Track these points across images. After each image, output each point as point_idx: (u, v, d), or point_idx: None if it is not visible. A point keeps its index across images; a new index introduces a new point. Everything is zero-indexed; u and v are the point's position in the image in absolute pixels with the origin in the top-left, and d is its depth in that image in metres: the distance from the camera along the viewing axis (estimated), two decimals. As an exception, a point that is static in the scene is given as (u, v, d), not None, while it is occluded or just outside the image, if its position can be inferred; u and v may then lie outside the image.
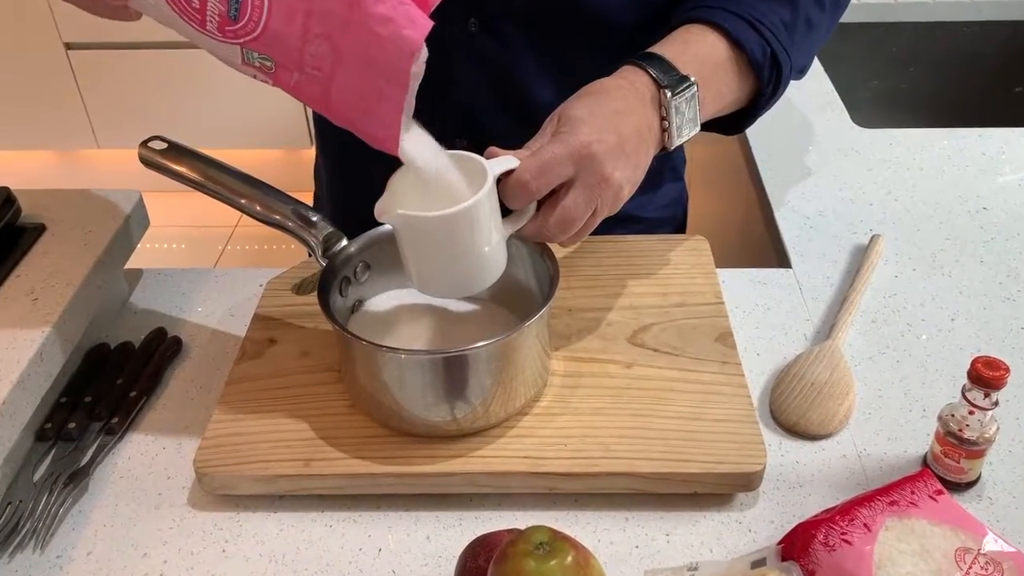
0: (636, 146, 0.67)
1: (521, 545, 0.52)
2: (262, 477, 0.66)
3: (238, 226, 2.69)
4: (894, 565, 0.55)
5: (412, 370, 0.66)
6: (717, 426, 0.68)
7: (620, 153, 0.65)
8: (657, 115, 0.69)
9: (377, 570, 0.63)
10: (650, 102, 0.68)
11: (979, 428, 0.64)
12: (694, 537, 0.64)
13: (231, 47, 0.58)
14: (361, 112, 0.60)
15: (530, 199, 0.65)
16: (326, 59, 0.57)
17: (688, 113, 0.70)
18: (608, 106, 0.66)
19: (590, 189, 0.64)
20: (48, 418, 0.73)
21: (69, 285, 0.75)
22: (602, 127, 0.65)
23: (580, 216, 0.65)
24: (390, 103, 0.58)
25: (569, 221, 0.65)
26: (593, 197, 0.65)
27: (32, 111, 2.56)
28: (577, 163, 0.64)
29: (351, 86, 0.58)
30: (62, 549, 0.65)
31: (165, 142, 0.73)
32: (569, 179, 0.64)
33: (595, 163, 0.64)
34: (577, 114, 0.65)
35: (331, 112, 0.61)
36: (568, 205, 0.64)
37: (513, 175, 0.63)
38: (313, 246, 0.71)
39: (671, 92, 0.68)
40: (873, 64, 1.37)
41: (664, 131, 0.69)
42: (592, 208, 0.65)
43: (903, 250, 0.90)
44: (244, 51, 0.58)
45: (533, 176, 0.63)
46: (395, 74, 0.57)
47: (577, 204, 0.65)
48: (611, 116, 0.66)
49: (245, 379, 0.73)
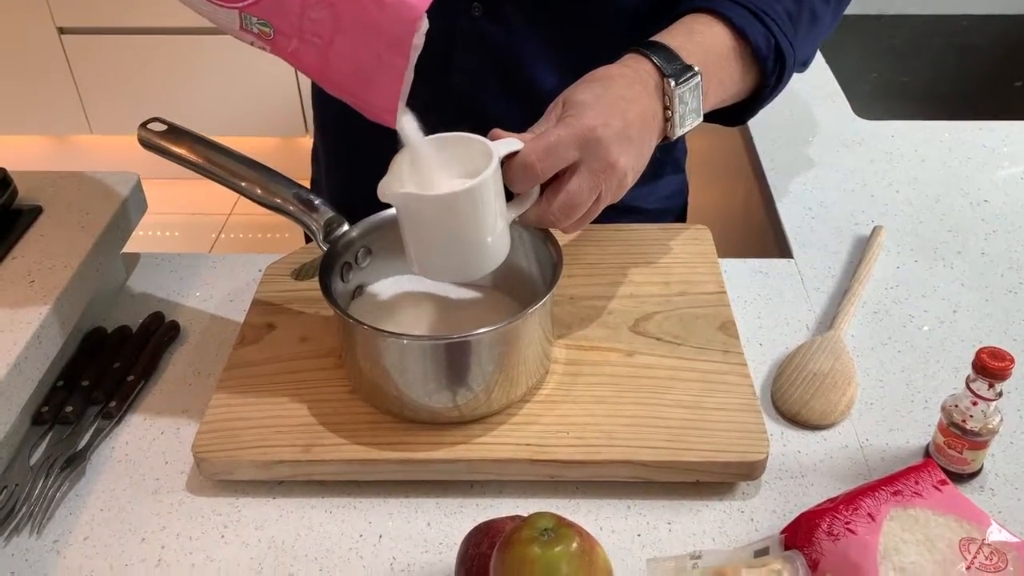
0: (641, 133, 0.66)
1: (526, 531, 0.52)
2: (261, 462, 0.66)
3: (232, 214, 2.67)
4: (898, 555, 0.55)
5: (414, 356, 0.65)
6: (719, 415, 0.67)
7: (626, 139, 0.65)
8: (661, 103, 0.68)
9: (377, 556, 0.62)
10: (654, 90, 0.68)
11: (983, 419, 0.63)
12: (696, 526, 0.64)
13: (230, 12, 0.57)
14: (360, 82, 0.58)
15: (534, 182, 0.64)
16: (326, 25, 0.56)
17: (691, 103, 0.69)
18: (614, 92, 0.66)
19: (595, 174, 0.64)
20: (45, 401, 0.72)
21: (66, 268, 0.74)
22: (608, 112, 0.64)
23: (584, 201, 0.65)
24: (390, 73, 0.57)
25: (573, 206, 0.64)
26: (598, 182, 0.64)
27: (25, 96, 2.53)
28: (583, 147, 0.63)
29: (350, 54, 0.57)
30: (59, 533, 0.64)
31: (164, 124, 0.72)
32: (574, 163, 0.64)
33: (601, 148, 0.63)
34: (583, 98, 0.65)
35: (329, 81, 0.59)
36: (572, 189, 0.64)
37: (518, 157, 0.63)
38: (314, 230, 0.70)
39: (675, 81, 0.68)
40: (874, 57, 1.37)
41: (667, 120, 0.69)
42: (596, 193, 0.65)
43: (905, 241, 0.90)
44: (243, 16, 0.57)
45: (538, 158, 0.62)
46: (396, 42, 0.56)
47: (582, 189, 0.64)
48: (617, 102, 0.65)
49: (244, 364, 0.73)
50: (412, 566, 0.62)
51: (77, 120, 2.57)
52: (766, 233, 0.98)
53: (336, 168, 0.98)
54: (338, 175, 0.98)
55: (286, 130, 2.56)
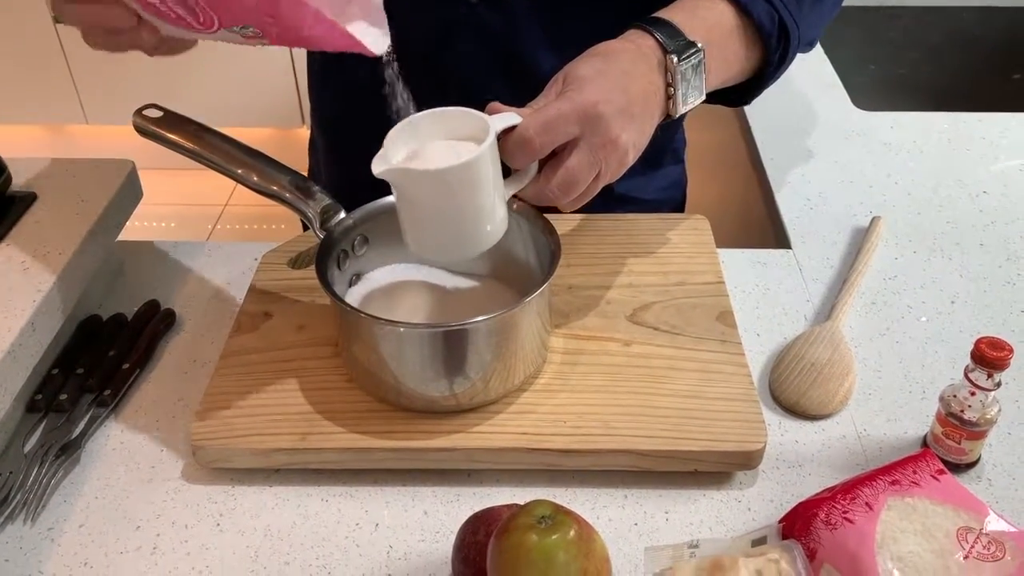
0: (643, 110, 0.65)
1: (523, 519, 0.51)
2: (258, 451, 0.65)
3: (228, 205, 2.66)
4: (896, 544, 0.55)
5: (411, 344, 0.65)
6: (717, 404, 0.67)
7: (627, 115, 0.63)
8: (663, 80, 0.67)
9: (374, 545, 0.62)
10: (656, 67, 0.67)
11: (981, 409, 0.63)
12: (693, 515, 0.64)
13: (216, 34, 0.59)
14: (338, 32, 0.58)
15: (533, 157, 0.62)
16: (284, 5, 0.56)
17: (694, 80, 0.68)
18: (616, 67, 0.64)
19: (595, 150, 0.62)
20: (39, 389, 0.72)
21: (61, 255, 0.73)
22: (610, 87, 0.63)
23: (584, 178, 0.63)
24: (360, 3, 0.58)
25: (572, 183, 0.63)
26: (598, 159, 0.63)
27: (20, 85, 2.52)
28: (583, 122, 0.62)
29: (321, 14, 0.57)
30: (53, 521, 0.64)
31: (160, 110, 0.72)
32: (574, 139, 0.62)
33: (602, 123, 0.62)
34: (584, 73, 0.64)
35: (314, 41, 0.59)
36: (572, 166, 0.62)
37: (516, 131, 0.61)
38: (311, 218, 0.70)
39: (677, 57, 0.66)
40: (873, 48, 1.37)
41: (669, 98, 0.67)
42: (596, 170, 0.63)
43: (903, 232, 0.90)
44: (229, 31, 0.59)
45: (537, 132, 0.61)
46: None
47: (581, 165, 0.62)
48: (619, 77, 0.64)
49: (241, 352, 0.72)
50: (409, 554, 0.62)
51: (73, 110, 2.56)
52: (764, 224, 0.98)
53: (333, 158, 0.97)
54: (335, 165, 0.97)
55: (283, 121, 2.55)
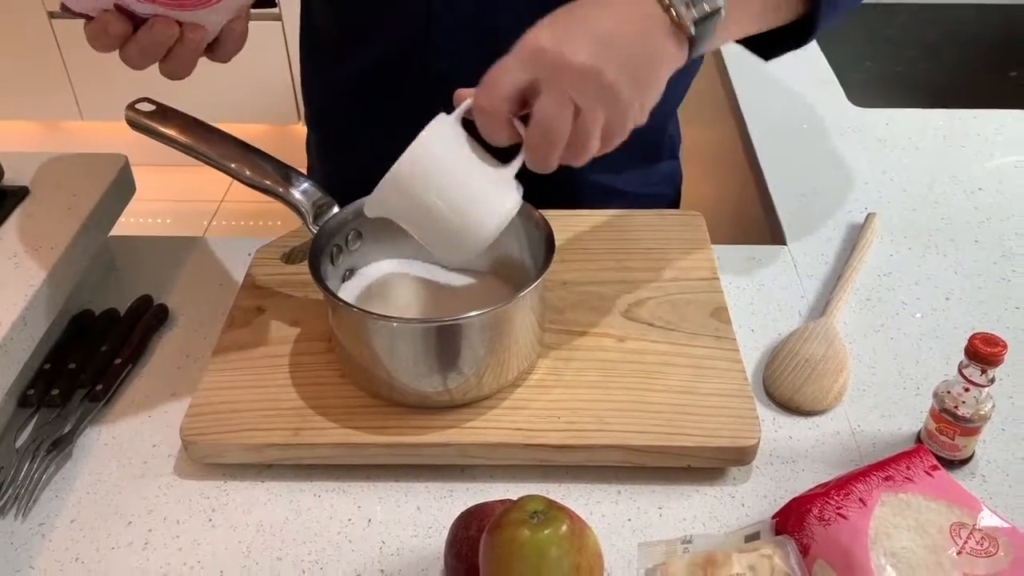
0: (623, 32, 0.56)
1: (515, 514, 0.51)
2: (250, 446, 0.65)
3: (223, 201, 2.66)
4: (889, 540, 0.55)
5: (404, 339, 0.65)
6: (711, 400, 0.67)
7: (583, 38, 0.55)
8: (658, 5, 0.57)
9: (366, 540, 0.62)
10: None
11: (974, 405, 0.63)
12: (687, 511, 0.64)
13: None
14: None
15: (499, 125, 0.58)
16: None
17: None
18: (577, 12, 0.57)
19: (553, 84, 0.55)
20: (31, 384, 0.72)
21: (53, 249, 0.73)
22: (559, 24, 0.56)
23: (556, 117, 0.56)
24: None
25: (549, 130, 0.56)
26: (562, 93, 0.55)
27: (15, 80, 2.51)
28: (528, 63, 0.56)
29: None
30: (45, 516, 0.64)
31: (153, 104, 0.71)
32: (531, 86, 0.57)
33: (547, 55, 0.55)
34: (537, 23, 0.57)
35: None
36: (538, 110, 0.56)
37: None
38: (304, 212, 0.70)
39: None
40: (870, 45, 1.37)
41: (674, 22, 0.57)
42: (569, 107, 0.56)
43: (898, 229, 0.90)
44: None
45: (481, 95, 0.57)
46: None
47: (547, 105, 0.56)
48: (575, 14, 0.57)
49: (233, 347, 0.72)
50: (402, 550, 0.61)
51: (67, 105, 2.55)
52: (759, 220, 0.98)
53: (326, 153, 0.97)
54: (328, 160, 0.97)
55: (279, 117, 2.54)
